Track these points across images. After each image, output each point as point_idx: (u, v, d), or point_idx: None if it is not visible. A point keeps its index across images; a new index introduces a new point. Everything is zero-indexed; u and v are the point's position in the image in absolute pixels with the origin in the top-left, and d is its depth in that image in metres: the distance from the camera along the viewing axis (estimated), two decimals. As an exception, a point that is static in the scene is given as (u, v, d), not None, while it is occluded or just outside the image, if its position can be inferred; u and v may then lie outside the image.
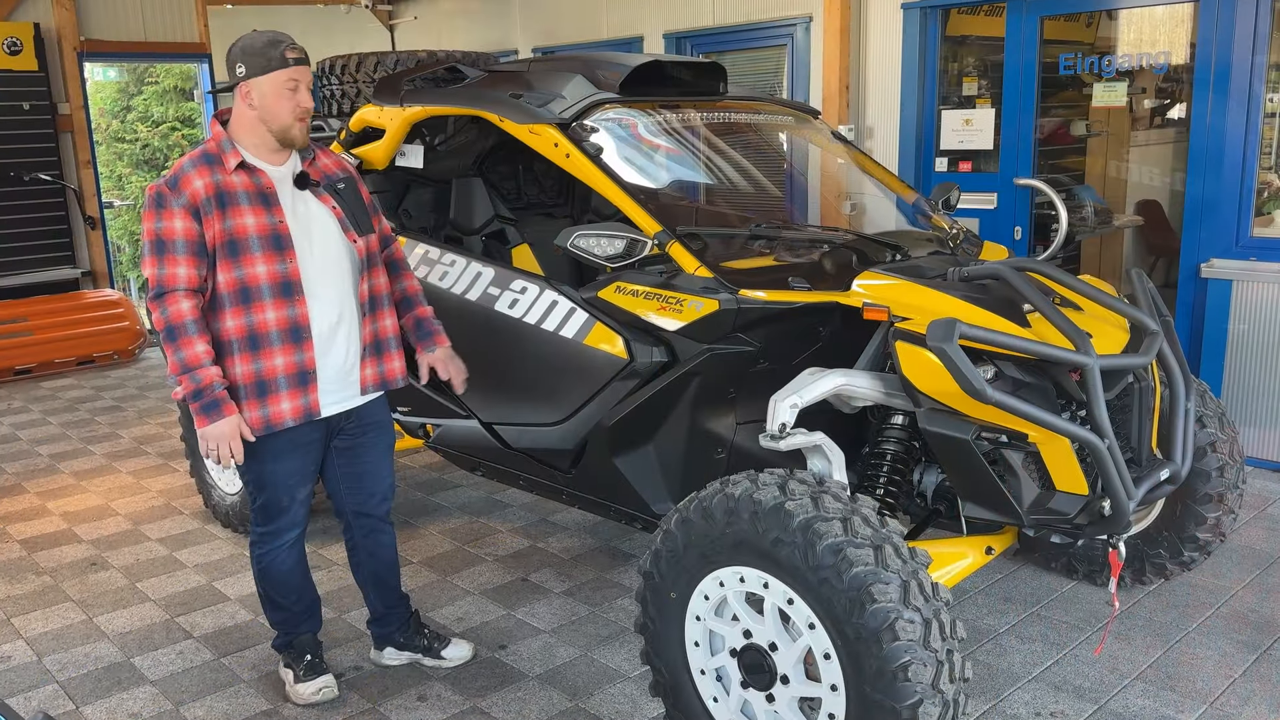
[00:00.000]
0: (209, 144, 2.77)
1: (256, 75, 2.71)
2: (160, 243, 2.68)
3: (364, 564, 3.22)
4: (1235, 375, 4.94)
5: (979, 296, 2.81)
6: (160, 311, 2.68)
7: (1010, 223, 5.89)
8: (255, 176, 2.77)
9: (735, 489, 2.50)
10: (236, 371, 2.77)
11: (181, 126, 12.84)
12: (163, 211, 2.68)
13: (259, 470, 2.91)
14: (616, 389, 3.24)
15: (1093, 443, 2.59)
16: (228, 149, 2.75)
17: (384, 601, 3.27)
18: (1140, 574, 3.61)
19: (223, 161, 2.74)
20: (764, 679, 2.52)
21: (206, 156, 2.74)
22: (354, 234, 2.90)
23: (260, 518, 3.00)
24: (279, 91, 2.72)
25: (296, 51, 2.74)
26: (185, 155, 2.76)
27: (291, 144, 2.79)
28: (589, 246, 2.98)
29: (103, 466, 5.44)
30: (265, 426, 2.81)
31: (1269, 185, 4.99)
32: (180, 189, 2.68)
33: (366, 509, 3.14)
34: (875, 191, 4.20)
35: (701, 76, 3.86)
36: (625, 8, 7.89)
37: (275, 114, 2.74)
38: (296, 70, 2.73)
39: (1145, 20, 5.80)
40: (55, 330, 7.57)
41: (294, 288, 2.78)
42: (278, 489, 2.93)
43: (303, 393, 2.83)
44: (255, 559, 3.05)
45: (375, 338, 2.99)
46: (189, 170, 2.71)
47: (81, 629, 3.64)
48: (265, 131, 2.76)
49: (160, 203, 2.68)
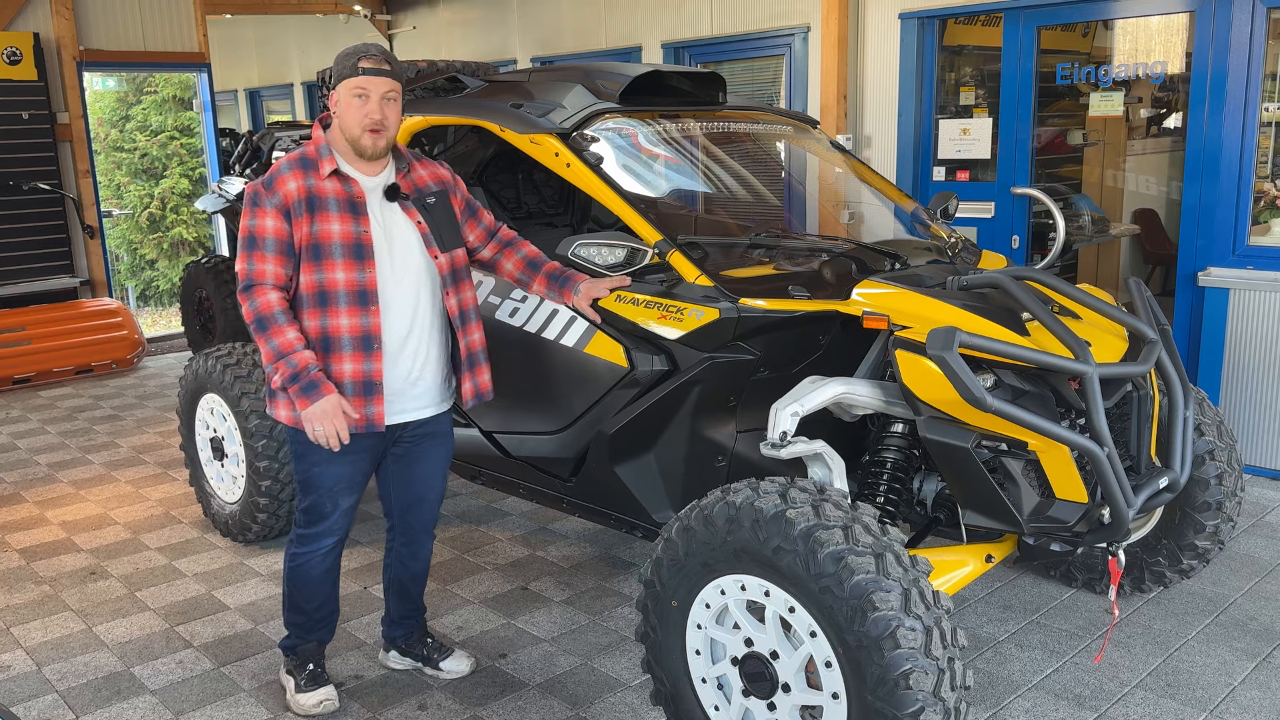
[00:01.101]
0: (308, 148, 2.83)
1: (337, 83, 2.78)
2: (252, 239, 2.76)
3: (393, 568, 3.24)
4: (1233, 383, 4.96)
5: (978, 305, 2.82)
6: (249, 304, 2.75)
7: (1008, 232, 5.91)
8: (347, 184, 2.82)
9: (737, 497, 2.51)
10: (345, 368, 2.81)
11: (180, 136, 12.84)
12: (256, 210, 2.76)
13: (307, 471, 2.93)
14: (617, 397, 3.24)
15: (1092, 451, 2.60)
16: (325, 155, 2.81)
17: (400, 609, 3.29)
18: (1139, 582, 3.61)
19: (318, 167, 2.80)
20: (765, 687, 2.52)
21: (304, 160, 2.81)
22: (436, 249, 2.93)
23: (303, 519, 3.01)
24: (349, 100, 2.76)
25: (372, 61, 2.76)
26: (286, 157, 2.84)
27: (362, 153, 2.82)
28: (590, 255, 3.00)
29: (102, 476, 5.44)
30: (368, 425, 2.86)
31: (1265, 194, 5.01)
32: (275, 189, 2.75)
33: (414, 516, 3.16)
34: (874, 200, 4.22)
35: (701, 86, 3.88)
36: (624, 18, 7.92)
37: (346, 122, 2.78)
38: (365, 80, 2.75)
39: (1141, 30, 5.83)
40: (54, 339, 7.56)
41: (370, 296, 2.81)
42: (323, 493, 2.95)
43: (366, 402, 2.86)
44: (289, 557, 3.06)
45: (469, 351, 3.02)
46: (285, 172, 2.78)
47: (81, 638, 3.63)
48: (342, 137, 2.82)
49: (255, 201, 2.76)
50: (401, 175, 2.92)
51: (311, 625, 3.14)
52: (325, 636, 3.19)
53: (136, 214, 13.09)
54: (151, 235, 13.22)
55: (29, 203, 7.91)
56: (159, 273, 13.51)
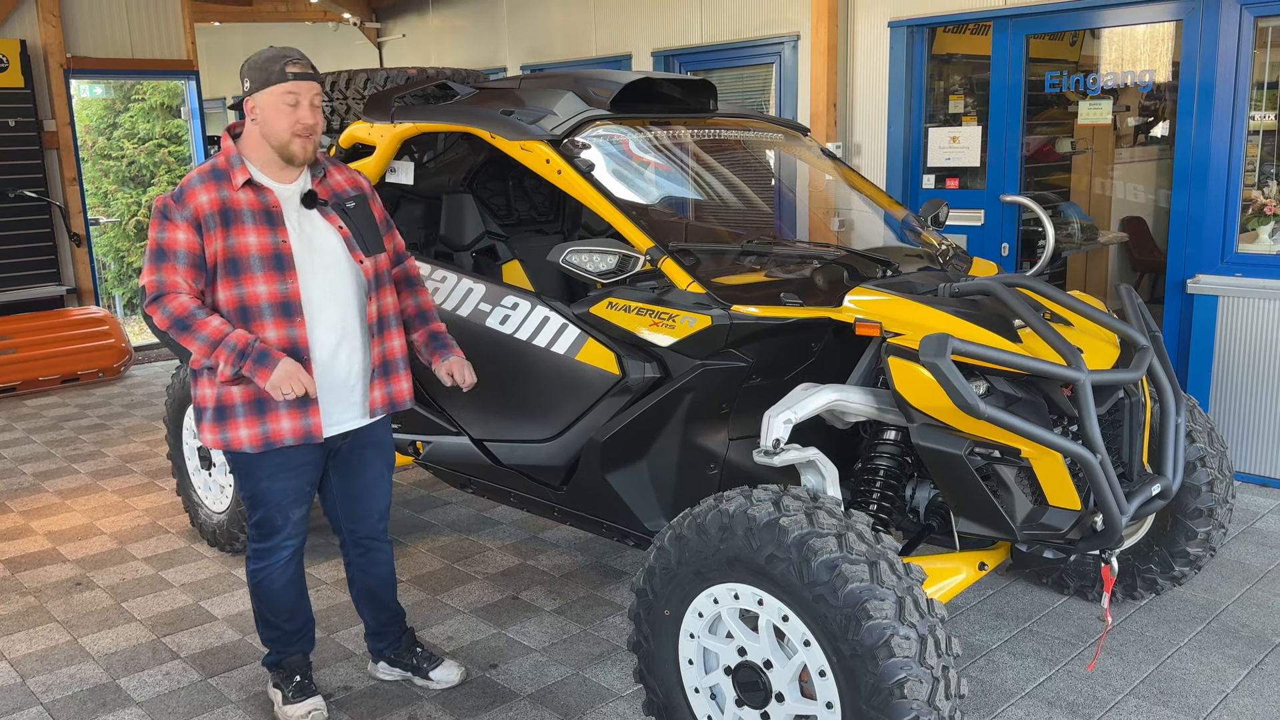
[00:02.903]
0: (219, 159, 2.77)
1: (258, 90, 2.71)
2: (161, 251, 2.70)
3: (358, 580, 3.21)
4: (1222, 390, 4.97)
5: (970, 312, 2.82)
6: (161, 310, 2.69)
7: (997, 239, 5.92)
8: (261, 194, 2.76)
9: (729, 505, 2.49)
10: (235, 389, 2.77)
11: (168, 144, 12.79)
12: (166, 223, 2.70)
13: (254, 488, 2.89)
14: (609, 405, 3.23)
15: (1085, 457, 2.60)
16: (235, 165, 2.76)
17: (377, 619, 3.26)
18: (1131, 589, 3.61)
19: (230, 177, 2.74)
20: (759, 697, 2.50)
21: (215, 172, 2.75)
22: (360, 254, 2.88)
23: (256, 534, 2.98)
24: (278, 106, 2.71)
25: (298, 66, 2.71)
26: (196, 169, 2.77)
27: (292, 160, 2.77)
28: (581, 262, 2.98)
29: (88, 485, 5.39)
30: (265, 444, 2.80)
31: (1253, 202, 5.03)
32: (185, 202, 2.69)
33: (363, 528, 3.12)
34: (865, 208, 4.22)
35: (692, 94, 3.87)
36: (614, 26, 7.92)
37: (274, 129, 2.72)
38: (296, 85, 2.70)
39: (1128, 39, 5.86)
40: (40, 348, 7.51)
41: (294, 308, 2.76)
42: (271, 508, 2.91)
43: (302, 414, 2.82)
44: (250, 574, 3.03)
45: (384, 358, 2.96)
46: (196, 185, 2.72)
47: (66, 650, 3.59)
48: (269, 147, 2.75)
49: (165, 214, 2.70)
50: (318, 181, 2.88)
51: (287, 638, 3.11)
52: (306, 647, 3.16)
53: (124, 222, 13.03)
54: (139, 243, 13.16)
55: (15, 211, 7.86)
56: (146, 281, 13.43)
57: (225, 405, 2.78)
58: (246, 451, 2.81)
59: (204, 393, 2.82)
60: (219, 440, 2.81)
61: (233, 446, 2.81)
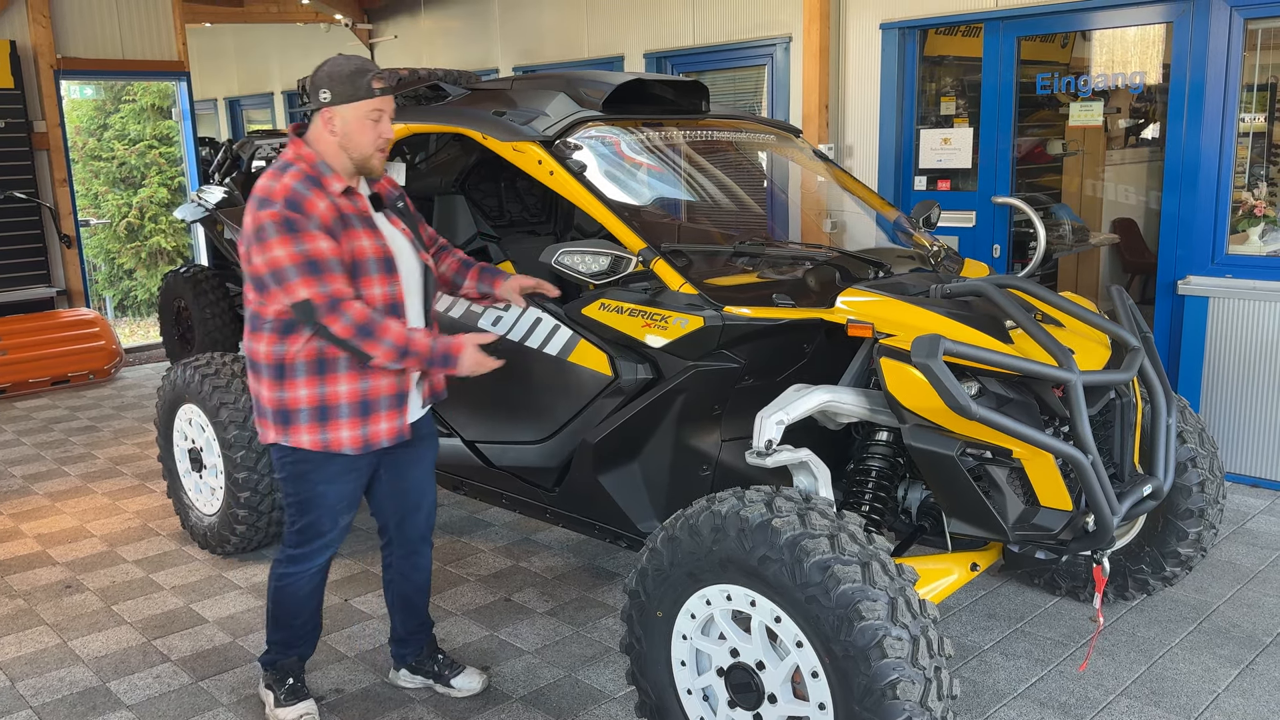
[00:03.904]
0: (303, 165, 2.71)
1: (341, 103, 2.68)
2: (314, 263, 2.60)
3: (396, 584, 3.17)
4: (1213, 391, 4.99)
5: (962, 313, 2.82)
6: (341, 320, 2.61)
7: (989, 241, 5.93)
8: (354, 199, 2.77)
9: (722, 506, 2.49)
10: (341, 389, 2.76)
11: (159, 145, 12.75)
12: (301, 234, 2.61)
13: (309, 491, 2.85)
14: (601, 406, 3.23)
15: (1077, 458, 2.60)
16: (326, 172, 2.72)
17: (406, 625, 3.22)
18: (1123, 589, 3.62)
19: (324, 185, 2.70)
20: (751, 698, 2.50)
21: (310, 179, 2.69)
22: (424, 253, 2.94)
23: (297, 539, 2.93)
24: (362, 121, 2.70)
25: (383, 81, 2.71)
26: (277, 177, 2.68)
27: (371, 173, 2.78)
28: (574, 263, 2.98)
29: (78, 488, 5.37)
30: (364, 446, 2.80)
31: (1244, 203, 5.05)
32: (307, 211, 2.63)
33: (412, 526, 3.10)
34: (857, 209, 4.23)
35: (684, 95, 3.88)
36: (606, 27, 7.92)
37: (358, 144, 2.71)
38: (382, 101, 2.71)
39: (1119, 41, 5.88)
40: (30, 350, 7.47)
41: (400, 309, 2.80)
42: (324, 513, 2.88)
43: (399, 414, 2.85)
44: (276, 576, 2.98)
45: None
46: (306, 193, 2.65)
47: (56, 653, 3.57)
48: (346, 158, 2.74)
49: (293, 226, 2.60)
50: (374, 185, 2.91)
51: (294, 641, 3.09)
52: (306, 651, 3.14)
53: (114, 223, 12.98)
54: (129, 245, 13.12)
55: (5, 212, 7.83)
56: (137, 282, 13.40)
57: (330, 406, 2.76)
58: (346, 452, 2.79)
59: (295, 394, 2.75)
60: (318, 441, 2.76)
61: (332, 448, 2.77)
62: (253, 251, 2.66)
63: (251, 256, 2.67)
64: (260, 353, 2.78)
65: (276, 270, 2.61)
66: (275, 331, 2.74)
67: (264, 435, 2.85)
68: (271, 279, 2.63)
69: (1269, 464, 4.88)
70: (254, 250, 2.65)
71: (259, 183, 2.70)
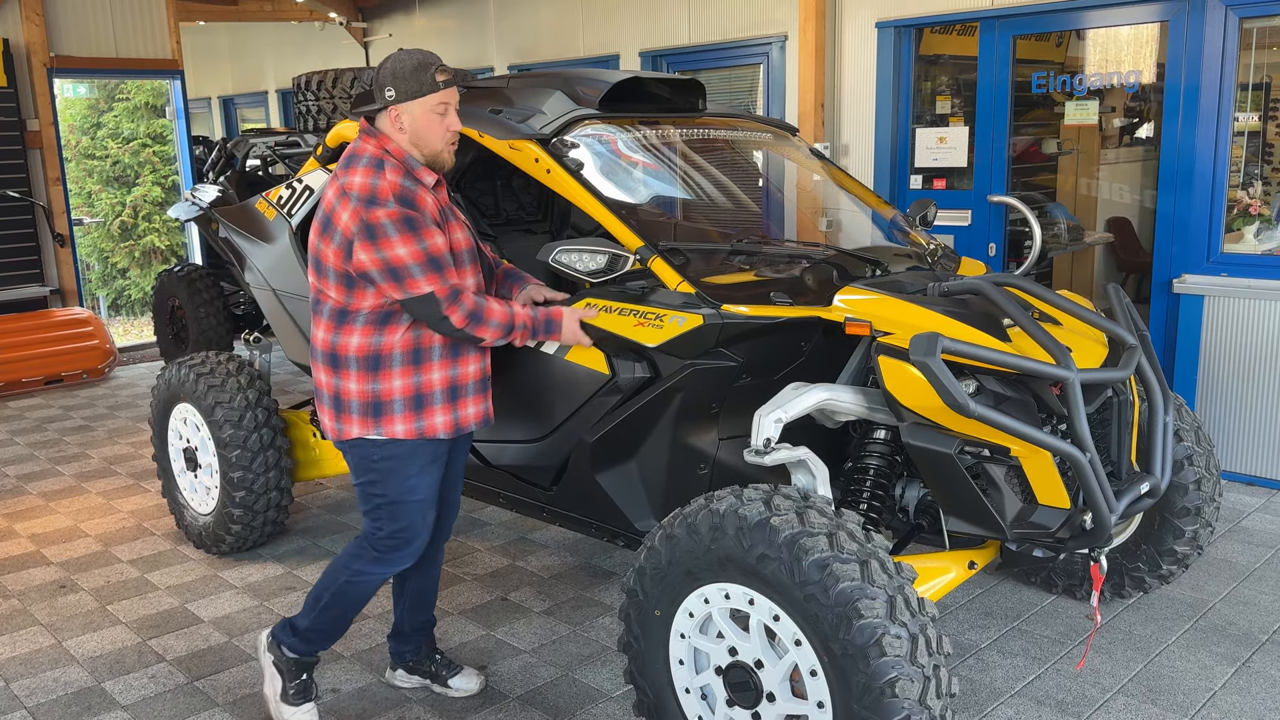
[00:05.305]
0: (395, 160, 2.70)
1: (407, 100, 2.68)
2: (435, 259, 2.65)
3: (412, 580, 3.14)
4: (1208, 389, 5.00)
5: (960, 311, 2.82)
6: (459, 310, 2.69)
7: (984, 239, 5.94)
8: (439, 192, 2.80)
9: (720, 504, 2.49)
10: (434, 376, 2.80)
11: (152, 143, 12.71)
12: (421, 232, 2.63)
13: (400, 485, 2.81)
14: (598, 405, 3.22)
15: (1074, 456, 2.60)
16: (415, 166, 2.73)
17: (413, 621, 3.19)
18: (1119, 588, 3.63)
19: (417, 179, 2.72)
20: (750, 697, 2.50)
21: (408, 174, 2.70)
22: (484, 245, 2.98)
23: (390, 543, 2.87)
24: (429, 116, 2.70)
25: (446, 74, 2.71)
26: (375, 174, 2.67)
27: (442, 167, 2.78)
28: (571, 261, 2.97)
29: (72, 487, 5.35)
30: (456, 430, 2.85)
31: (1239, 202, 5.06)
32: (419, 207, 2.65)
33: (445, 518, 3.10)
34: (853, 208, 4.22)
35: (680, 93, 3.87)
36: (602, 26, 7.92)
37: (427, 139, 2.72)
38: (447, 94, 2.71)
39: (1114, 40, 5.89)
40: (23, 349, 7.44)
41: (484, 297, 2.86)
42: (415, 511, 2.85)
43: (483, 399, 2.93)
44: (353, 573, 2.91)
45: None
46: (414, 189, 2.67)
47: (50, 653, 3.56)
48: (417, 153, 2.74)
49: (413, 225, 2.62)
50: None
51: (334, 635, 3.02)
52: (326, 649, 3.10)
53: (108, 222, 12.94)
54: (123, 244, 13.08)
55: (-2, 210, 7.80)
56: (131, 281, 13.36)
57: (425, 394, 2.78)
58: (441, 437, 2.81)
59: (390, 385, 2.75)
60: (413, 429, 2.77)
61: (427, 434, 2.79)
62: (360, 249, 2.62)
63: (357, 254, 2.63)
64: (351, 346, 2.75)
65: (398, 268, 2.62)
66: (371, 324, 2.73)
67: (344, 431, 2.81)
68: (389, 275, 2.63)
69: (1265, 462, 4.89)
70: (363, 248, 2.62)
71: (353, 180, 2.67)
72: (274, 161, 7.22)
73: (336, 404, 2.81)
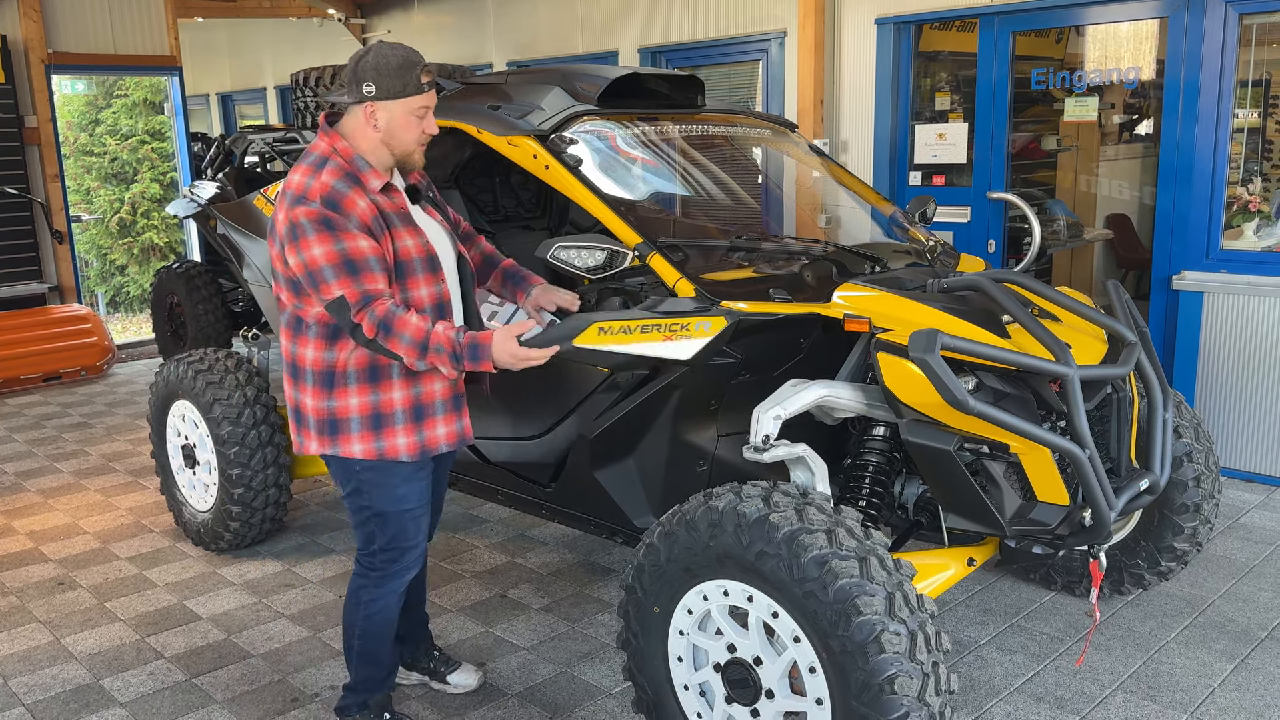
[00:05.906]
0: (340, 161, 2.57)
1: (388, 98, 2.55)
2: (351, 262, 2.47)
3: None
4: (1207, 386, 4.99)
5: (959, 308, 2.82)
6: (369, 317, 2.48)
7: (984, 236, 5.93)
8: (392, 196, 2.64)
9: (719, 501, 2.48)
10: (394, 395, 2.64)
11: (151, 140, 12.69)
12: (340, 233, 2.47)
13: (386, 497, 2.70)
14: (597, 401, 3.21)
15: (1074, 453, 2.60)
16: (364, 168, 2.59)
17: (407, 620, 3.14)
18: (1118, 584, 3.62)
19: (363, 181, 2.57)
20: (749, 694, 2.49)
21: (349, 175, 2.56)
22: (462, 245, 2.82)
23: (384, 557, 2.78)
24: (408, 118, 2.58)
25: (430, 75, 2.60)
26: (313, 174, 2.54)
27: (413, 167, 2.68)
28: (569, 258, 2.96)
29: (70, 484, 5.34)
30: (422, 452, 2.68)
31: (1238, 199, 5.06)
32: (346, 210, 2.50)
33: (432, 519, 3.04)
34: (852, 204, 4.22)
35: (679, 89, 3.86)
36: (600, 22, 7.90)
37: (401, 140, 2.60)
38: (429, 96, 2.60)
39: (1114, 36, 5.88)
40: (21, 346, 7.44)
41: (447, 308, 2.69)
42: (405, 519, 2.74)
43: (457, 417, 2.75)
44: (364, 605, 2.80)
45: None
46: (345, 191, 2.52)
47: (49, 650, 3.55)
48: (387, 152, 2.62)
49: (331, 225, 2.47)
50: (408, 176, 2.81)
51: (384, 676, 2.89)
52: (392, 683, 2.98)
53: (106, 219, 12.92)
54: (122, 240, 13.06)
55: (-5, 207, 7.79)
56: (129, 278, 13.34)
57: (384, 414, 2.62)
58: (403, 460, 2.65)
59: (346, 403, 2.62)
60: (371, 450, 2.62)
61: (388, 456, 2.64)
62: (287, 251, 2.52)
63: (286, 257, 2.53)
64: (307, 359, 2.63)
65: (313, 271, 2.48)
66: (322, 337, 2.61)
67: (303, 445, 2.70)
68: (307, 280, 2.50)
69: (1264, 459, 4.89)
70: (288, 250, 2.51)
71: (293, 178, 2.56)
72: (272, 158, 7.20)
73: (297, 417, 2.71)
